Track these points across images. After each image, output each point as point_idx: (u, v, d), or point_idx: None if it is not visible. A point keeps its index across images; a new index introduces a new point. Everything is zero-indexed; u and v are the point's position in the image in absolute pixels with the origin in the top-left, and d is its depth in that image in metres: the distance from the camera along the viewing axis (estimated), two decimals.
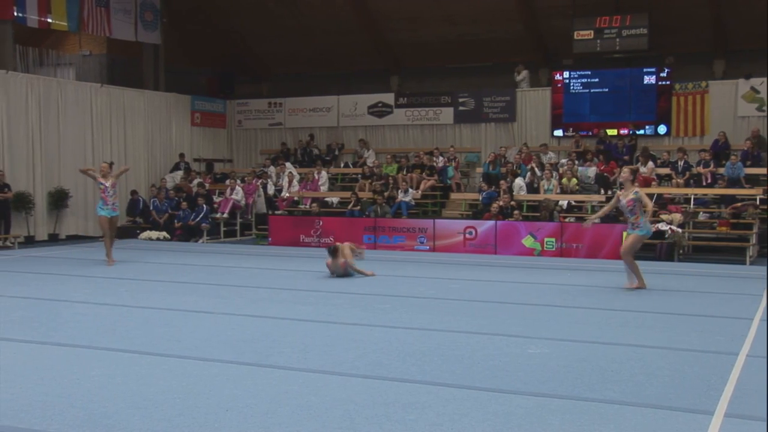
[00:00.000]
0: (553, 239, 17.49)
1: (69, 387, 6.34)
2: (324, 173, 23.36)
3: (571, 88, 23.31)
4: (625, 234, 12.53)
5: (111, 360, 7.30)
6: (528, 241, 17.76)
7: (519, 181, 20.30)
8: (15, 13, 20.48)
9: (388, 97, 25.97)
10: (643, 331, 8.82)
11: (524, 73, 24.50)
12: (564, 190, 19.91)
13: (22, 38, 22.97)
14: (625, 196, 12.11)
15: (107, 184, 15.38)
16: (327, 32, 25.97)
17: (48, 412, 5.69)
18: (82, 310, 10.13)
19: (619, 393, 6.24)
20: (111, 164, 16.41)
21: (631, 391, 6.31)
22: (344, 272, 13.37)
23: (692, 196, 18.97)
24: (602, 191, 19.90)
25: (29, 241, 20.28)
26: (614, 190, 20.13)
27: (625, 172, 12.46)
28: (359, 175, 23.45)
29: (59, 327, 8.93)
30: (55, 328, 8.82)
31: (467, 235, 18.29)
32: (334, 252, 13.33)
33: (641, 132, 22.54)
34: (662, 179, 20.44)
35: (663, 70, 22.32)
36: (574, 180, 19.98)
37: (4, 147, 19.94)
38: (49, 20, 21.55)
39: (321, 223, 19.57)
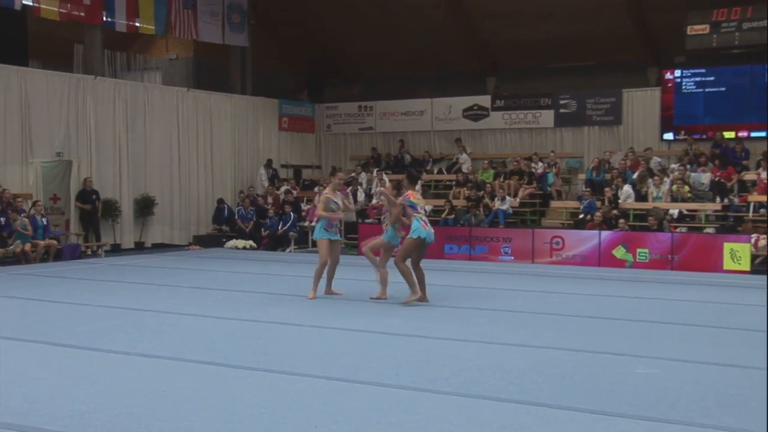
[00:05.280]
0: (647, 250, 17.16)
1: (155, 399, 6.49)
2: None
3: (683, 87, 22.72)
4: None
5: (196, 372, 7.45)
6: (619, 252, 17.48)
7: (627, 189, 19.91)
8: (104, 18, 21.20)
9: (484, 100, 25.83)
10: (764, 353, 8.50)
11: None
12: (675, 198, 19.43)
13: (110, 43, 23.77)
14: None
15: (339, 203, 12.83)
16: (420, 32, 26.02)
17: (134, 425, 5.83)
18: (168, 320, 10.39)
19: (737, 419, 6.02)
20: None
21: (751, 418, 6.07)
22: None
23: None
24: (718, 199, 19.33)
25: (115, 249, 20.95)
26: (731, 197, 19.56)
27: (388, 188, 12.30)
28: (453, 182, 23.39)
29: (145, 337, 9.17)
30: (140, 339, 9.06)
31: (554, 245, 18.12)
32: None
33: (762, 134, 21.80)
34: None
35: None
36: (686, 187, 19.48)
37: (92, 153, 20.67)
38: (137, 24, 22.23)
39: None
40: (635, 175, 20.46)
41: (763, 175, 19.48)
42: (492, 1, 24.49)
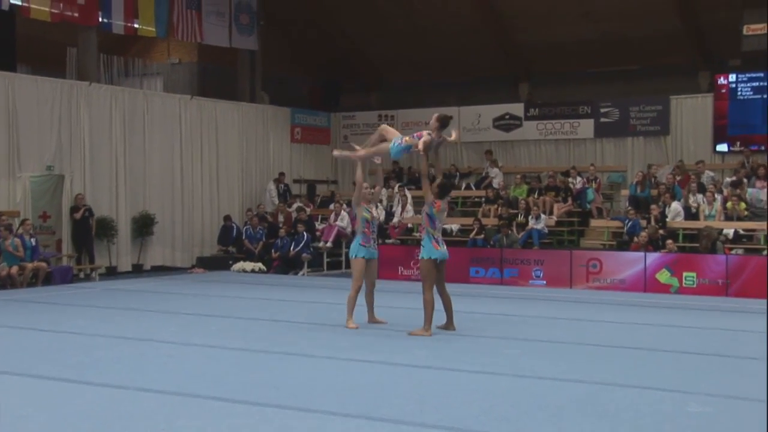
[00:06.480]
0: (694, 274, 17.07)
1: None
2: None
3: (739, 93, 22.63)
4: None
5: (200, 408, 7.45)
6: (663, 276, 17.39)
7: (676, 206, 19.82)
8: (100, 19, 21.38)
9: (517, 108, 25.84)
10: None
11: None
12: (729, 216, 19.30)
13: (106, 46, 23.95)
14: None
15: (374, 212, 12.86)
16: (446, 33, 26.09)
17: None
18: (169, 350, 10.41)
19: None
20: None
21: None
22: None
23: None
24: None
25: (111, 273, 21.05)
26: None
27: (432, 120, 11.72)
28: (483, 199, 23.37)
29: (143, 369, 9.19)
30: (138, 371, 9.08)
31: (591, 269, 18.07)
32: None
33: None
34: None
35: None
36: (743, 204, 19.35)
37: (85, 166, 20.79)
38: (136, 25, 22.42)
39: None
40: (687, 191, 20.36)
41: None
42: None
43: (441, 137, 11.79)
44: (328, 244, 22.30)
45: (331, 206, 23.83)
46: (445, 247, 11.76)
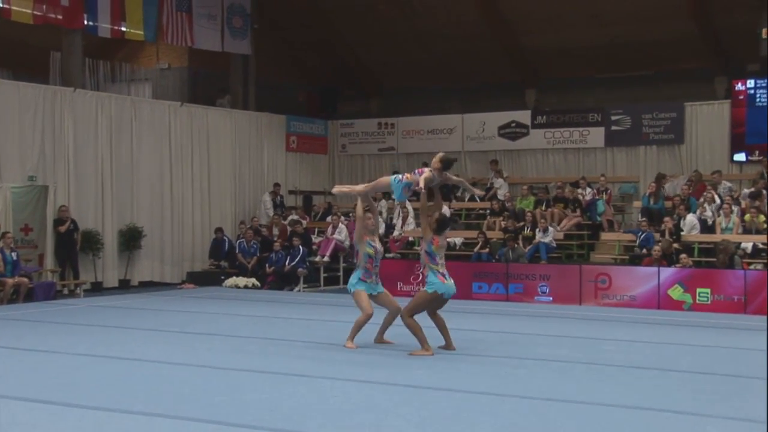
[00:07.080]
0: (708, 290, 17.04)
1: None
2: (445, 209, 23.38)
3: (758, 100, 22.63)
4: None
5: None
6: (675, 293, 17.35)
7: (691, 218, 19.81)
8: (85, 22, 21.39)
9: (524, 116, 25.85)
10: None
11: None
12: (748, 230, 19.29)
13: (92, 50, 23.95)
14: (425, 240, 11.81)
15: (377, 246, 12.56)
16: (448, 38, 26.13)
17: None
18: (158, 371, 10.39)
19: None
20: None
21: None
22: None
23: None
24: None
25: (96, 288, 20.98)
26: None
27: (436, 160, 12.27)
28: (488, 211, 23.36)
29: (129, 391, 9.16)
30: (125, 393, 9.05)
31: (599, 284, 18.05)
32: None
33: None
34: None
35: None
36: (762, 217, 19.35)
37: (69, 177, 20.76)
38: (123, 29, 22.42)
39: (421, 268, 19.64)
40: (701, 203, 20.35)
41: None
42: (531, 1, 24.58)
43: (442, 177, 12.00)
44: (325, 259, 22.27)
45: (329, 219, 23.81)
46: (452, 280, 11.77)
